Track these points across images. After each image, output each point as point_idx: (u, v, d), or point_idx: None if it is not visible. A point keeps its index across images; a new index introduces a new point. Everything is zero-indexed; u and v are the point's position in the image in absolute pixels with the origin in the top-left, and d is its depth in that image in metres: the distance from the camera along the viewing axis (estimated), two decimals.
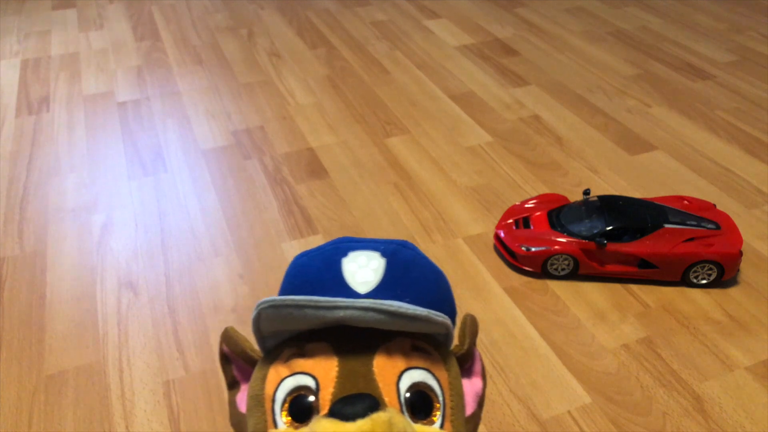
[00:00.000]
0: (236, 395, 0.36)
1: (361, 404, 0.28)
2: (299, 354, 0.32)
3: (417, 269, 0.36)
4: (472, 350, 0.37)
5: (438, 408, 0.32)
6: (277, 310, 0.31)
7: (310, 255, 0.36)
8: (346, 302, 0.30)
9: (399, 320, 0.31)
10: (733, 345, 0.92)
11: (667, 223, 1.01)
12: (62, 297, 1.02)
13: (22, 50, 1.84)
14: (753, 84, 1.59)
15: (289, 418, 0.31)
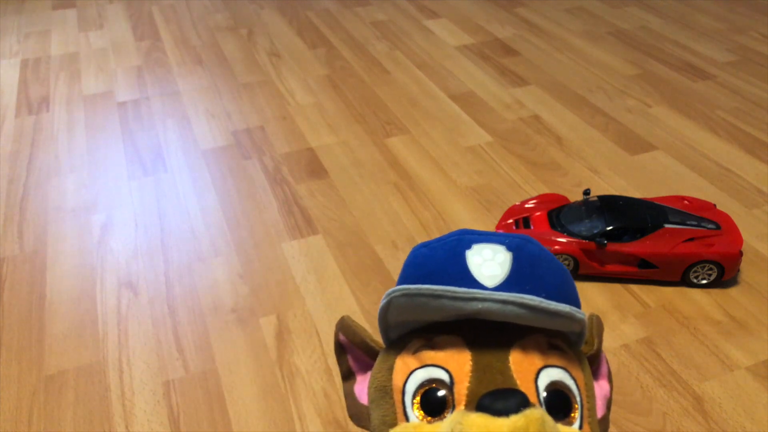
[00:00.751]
0: (353, 386, 0.35)
1: (513, 399, 0.27)
2: (428, 346, 0.31)
3: (543, 264, 0.34)
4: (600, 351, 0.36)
5: (576, 409, 0.31)
6: (410, 299, 0.30)
7: (432, 246, 0.35)
8: (485, 294, 0.29)
9: (539, 315, 0.30)
10: (733, 345, 0.92)
11: (668, 223, 1.01)
12: (62, 297, 1.01)
13: (22, 50, 1.84)
14: (753, 84, 1.59)
15: (422, 412, 0.30)
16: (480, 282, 0.32)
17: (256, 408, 0.84)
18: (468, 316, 0.30)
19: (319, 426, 0.82)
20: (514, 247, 0.34)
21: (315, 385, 0.87)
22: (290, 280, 1.04)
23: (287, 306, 0.99)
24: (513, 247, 0.34)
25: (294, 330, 0.95)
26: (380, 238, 1.12)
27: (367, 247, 1.10)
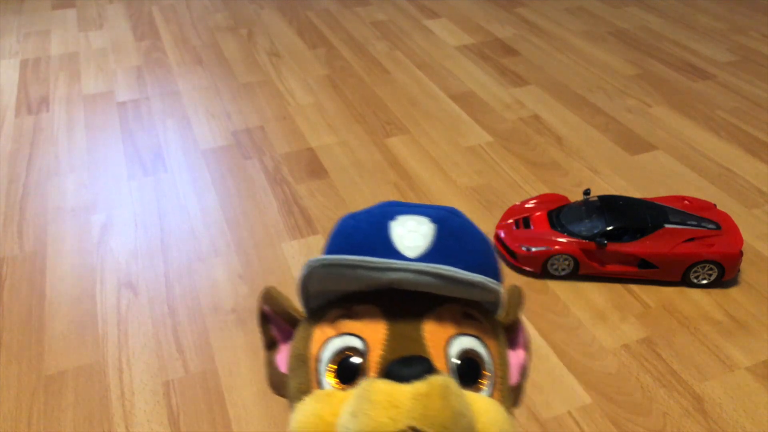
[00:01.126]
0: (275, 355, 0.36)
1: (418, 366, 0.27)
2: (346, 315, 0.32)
3: (467, 237, 0.35)
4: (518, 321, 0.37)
5: (486, 376, 0.32)
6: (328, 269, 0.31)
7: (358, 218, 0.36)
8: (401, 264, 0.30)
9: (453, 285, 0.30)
10: (733, 345, 0.92)
11: (668, 223, 1.00)
12: (62, 297, 1.01)
13: (21, 50, 1.84)
14: (753, 84, 1.59)
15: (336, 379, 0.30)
16: (402, 253, 0.33)
17: (256, 408, 0.84)
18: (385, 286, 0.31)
19: None
20: (438, 219, 0.35)
21: None
22: (290, 280, 1.04)
23: None
24: (437, 219, 0.35)
25: None
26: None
27: None
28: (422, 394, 0.26)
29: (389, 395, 0.26)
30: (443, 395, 0.26)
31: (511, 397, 0.33)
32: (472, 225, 0.36)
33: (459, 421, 0.26)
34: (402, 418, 0.26)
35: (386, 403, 0.26)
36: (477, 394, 0.31)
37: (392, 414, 0.26)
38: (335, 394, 0.30)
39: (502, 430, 0.30)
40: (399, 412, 0.26)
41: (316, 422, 0.29)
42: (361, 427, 0.26)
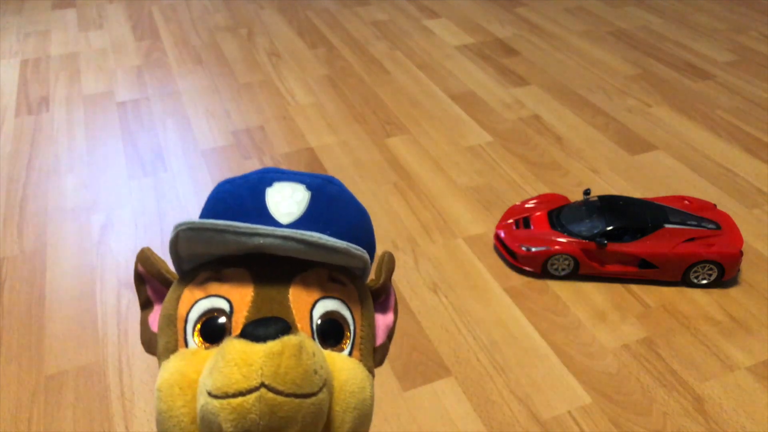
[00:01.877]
0: (149, 315, 0.37)
1: (273, 327, 0.28)
2: (215, 278, 0.33)
3: (340, 205, 0.36)
4: (387, 285, 0.38)
5: (348, 337, 0.33)
6: (196, 232, 0.31)
7: (235, 183, 0.36)
8: (267, 230, 0.31)
9: (318, 251, 0.31)
10: (733, 345, 0.92)
11: (668, 223, 1.00)
12: (62, 297, 1.01)
13: (21, 50, 1.84)
14: (753, 84, 1.59)
15: (201, 339, 0.31)
16: (276, 219, 0.34)
17: None
18: (252, 250, 0.32)
19: None
20: (314, 187, 0.36)
21: None
22: None
23: None
24: (313, 186, 0.36)
25: None
26: (380, 238, 1.12)
27: None
28: (275, 353, 0.27)
29: (243, 353, 0.27)
30: (295, 354, 0.27)
31: (373, 356, 0.35)
32: (348, 194, 0.37)
33: (311, 378, 0.27)
34: (254, 376, 0.27)
35: (240, 361, 0.27)
36: (337, 353, 0.32)
37: (245, 372, 0.27)
38: (199, 353, 0.31)
39: (358, 386, 0.31)
40: (251, 370, 0.27)
41: (179, 379, 0.30)
42: (216, 384, 0.27)
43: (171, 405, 0.30)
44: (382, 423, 0.82)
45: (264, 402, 0.27)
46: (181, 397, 0.30)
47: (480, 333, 0.94)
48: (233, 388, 0.27)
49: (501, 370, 0.89)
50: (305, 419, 0.27)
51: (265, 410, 0.27)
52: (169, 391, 0.30)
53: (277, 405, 0.27)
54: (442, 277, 1.04)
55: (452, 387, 0.87)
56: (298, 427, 0.27)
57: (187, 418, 0.29)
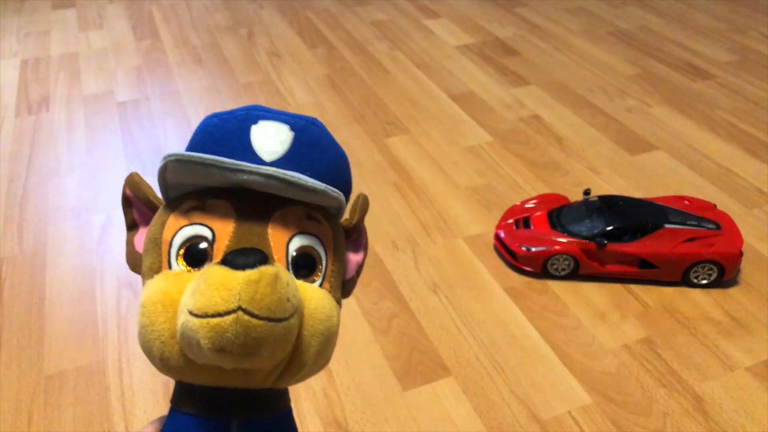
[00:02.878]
0: (134, 236, 0.39)
1: (252, 257, 0.31)
2: (200, 207, 0.35)
3: (321, 147, 0.38)
4: (360, 225, 0.41)
5: (320, 270, 0.36)
6: (182, 164, 0.33)
7: (222, 117, 0.38)
8: (251, 167, 0.33)
9: (297, 190, 0.34)
10: (733, 345, 0.92)
11: (668, 223, 1.00)
12: (62, 297, 1.01)
13: (21, 50, 1.84)
14: (753, 84, 1.59)
15: (184, 263, 0.34)
16: (260, 156, 0.36)
17: None
18: (237, 185, 0.34)
19: (319, 426, 0.82)
20: (297, 127, 0.38)
21: (315, 385, 0.87)
22: None
23: None
24: (297, 127, 0.38)
25: None
26: (380, 238, 1.12)
27: None
28: (252, 281, 0.30)
29: (224, 279, 0.30)
30: (271, 283, 0.30)
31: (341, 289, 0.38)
32: (330, 137, 0.40)
33: (283, 305, 0.30)
34: (233, 300, 0.29)
35: (220, 285, 0.30)
36: (309, 284, 0.35)
37: (224, 295, 0.30)
38: (182, 275, 0.33)
39: (326, 314, 0.34)
40: (230, 294, 0.30)
41: (162, 297, 0.33)
42: (197, 304, 0.30)
43: (153, 320, 0.33)
44: (382, 423, 0.82)
45: (240, 323, 0.29)
46: (163, 313, 0.32)
47: (480, 333, 0.94)
48: (213, 309, 0.30)
49: (501, 370, 0.89)
50: (276, 340, 0.31)
51: (240, 331, 0.29)
52: (152, 308, 0.33)
53: (251, 327, 0.30)
54: (442, 277, 1.04)
55: (452, 387, 0.87)
56: (269, 347, 0.30)
57: (167, 333, 0.32)
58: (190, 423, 0.34)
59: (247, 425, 0.34)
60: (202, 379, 0.33)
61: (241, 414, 0.34)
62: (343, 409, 0.84)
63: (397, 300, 1.00)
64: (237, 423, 0.34)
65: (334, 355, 0.92)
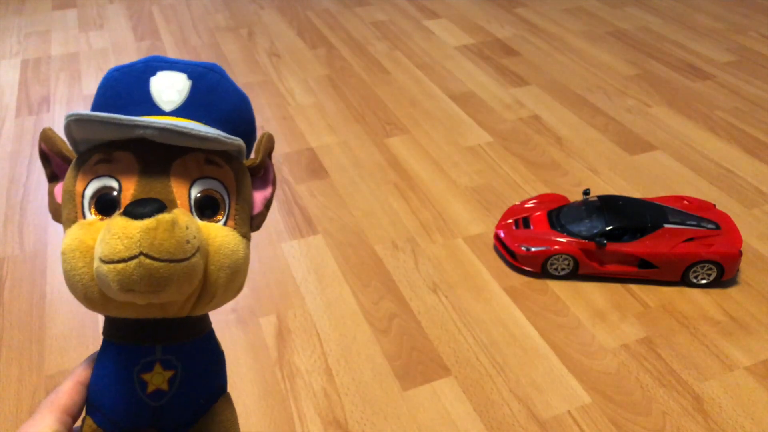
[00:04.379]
0: (54, 187, 0.42)
1: (149, 206, 0.34)
2: (106, 160, 0.38)
3: (220, 92, 0.41)
4: (266, 162, 0.43)
5: (223, 209, 0.39)
6: (83, 123, 0.36)
7: (122, 70, 0.41)
8: (146, 122, 0.35)
9: (191, 140, 0.36)
10: (733, 345, 0.92)
11: (667, 223, 1.01)
12: (62, 297, 1.02)
13: (22, 50, 1.84)
14: (753, 84, 1.59)
15: (96, 212, 0.37)
16: (159, 107, 0.39)
17: (256, 408, 0.84)
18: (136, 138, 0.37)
19: (319, 426, 0.82)
20: (195, 75, 0.40)
21: (315, 385, 0.87)
22: (290, 280, 1.04)
23: (287, 306, 1.00)
24: (194, 75, 0.40)
25: (294, 330, 0.95)
26: (380, 238, 1.13)
27: (367, 247, 1.10)
28: (150, 228, 0.33)
29: (124, 228, 0.33)
30: (168, 229, 0.33)
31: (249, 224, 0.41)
32: (229, 82, 0.42)
33: (183, 247, 0.34)
34: (134, 246, 0.33)
35: (122, 234, 0.33)
36: (213, 224, 0.38)
37: (126, 243, 0.33)
38: (95, 224, 0.37)
39: (231, 249, 0.37)
40: (131, 242, 0.33)
41: (79, 245, 0.36)
42: (104, 252, 0.33)
43: (74, 266, 0.36)
44: (382, 423, 0.83)
45: (143, 266, 0.33)
46: (81, 259, 0.36)
47: (480, 333, 0.95)
48: (117, 256, 0.33)
49: (501, 370, 0.89)
50: (180, 278, 0.34)
51: (144, 273, 0.33)
52: (71, 255, 0.36)
53: (153, 268, 0.33)
54: (442, 277, 1.04)
55: (452, 387, 0.87)
56: (174, 284, 0.34)
57: (87, 276, 0.36)
58: (119, 350, 0.38)
59: (171, 348, 0.38)
60: (124, 312, 0.36)
61: (164, 339, 0.38)
62: (343, 409, 0.84)
63: (397, 300, 1.00)
64: (161, 347, 0.38)
65: (334, 354, 0.92)
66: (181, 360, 0.38)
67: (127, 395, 0.38)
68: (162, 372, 0.38)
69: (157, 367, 0.38)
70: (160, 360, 0.38)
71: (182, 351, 0.38)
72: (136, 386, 0.38)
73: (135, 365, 0.38)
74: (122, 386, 0.38)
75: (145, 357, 0.38)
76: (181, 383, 0.38)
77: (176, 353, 0.38)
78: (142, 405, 0.38)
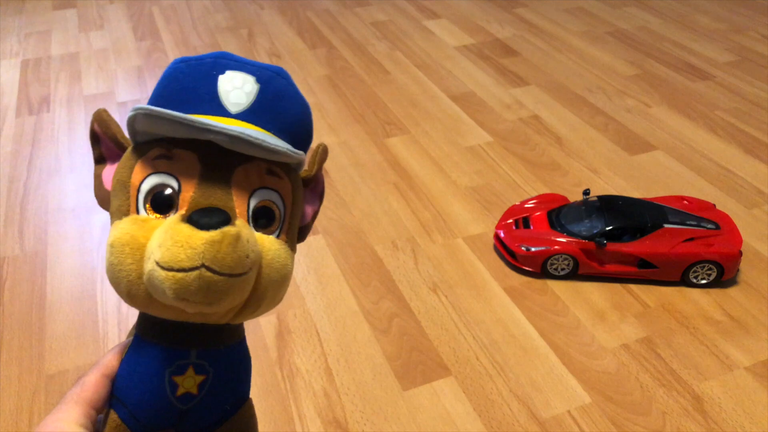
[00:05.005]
0: (102, 170, 0.40)
1: (216, 217, 0.33)
2: (167, 156, 0.36)
3: (287, 100, 0.40)
4: (319, 174, 0.44)
5: (278, 222, 0.38)
6: (151, 118, 0.35)
7: (190, 63, 0.40)
8: (218, 127, 0.34)
9: (261, 151, 0.36)
10: (732, 345, 0.92)
11: (667, 223, 1.01)
12: (62, 297, 1.02)
13: (22, 50, 1.84)
14: (753, 84, 1.59)
15: (151, 209, 0.36)
16: (226, 107, 0.38)
17: (256, 408, 0.84)
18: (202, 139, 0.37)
19: (319, 426, 0.82)
20: (263, 79, 0.40)
21: (315, 385, 0.88)
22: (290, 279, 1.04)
23: (287, 306, 1.00)
24: (262, 79, 0.40)
25: (294, 330, 0.96)
26: (380, 238, 1.13)
27: (367, 247, 1.11)
28: (215, 241, 0.32)
29: (189, 238, 0.32)
30: (232, 243, 0.33)
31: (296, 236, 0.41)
32: (294, 89, 0.41)
33: (243, 262, 0.33)
34: (196, 258, 0.32)
35: (185, 243, 0.32)
36: (267, 236, 0.37)
37: (189, 253, 0.32)
38: (149, 221, 0.35)
39: (282, 263, 0.37)
40: (195, 253, 0.32)
41: (130, 240, 0.35)
42: (164, 258, 0.32)
43: (122, 260, 0.35)
44: (382, 423, 0.83)
45: (202, 279, 0.32)
46: (131, 255, 0.35)
47: (480, 333, 0.95)
48: (178, 265, 0.32)
49: (501, 370, 0.89)
50: (234, 292, 0.33)
51: (202, 285, 0.32)
52: (120, 249, 0.35)
53: (213, 282, 0.32)
54: (442, 277, 1.04)
55: (452, 387, 0.87)
56: (228, 298, 0.33)
57: (134, 274, 0.35)
58: (154, 350, 0.37)
59: (205, 353, 0.37)
60: (165, 314, 0.36)
61: (200, 344, 0.37)
62: (343, 409, 0.84)
63: (397, 300, 1.00)
64: (196, 351, 0.37)
65: (334, 354, 0.92)
66: (213, 366, 0.38)
67: (156, 395, 0.37)
68: (194, 376, 0.37)
69: (190, 370, 0.37)
70: (194, 364, 0.37)
71: (216, 357, 0.38)
72: (166, 387, 0.37)
73: (168, 367, 0.37)
74: (152, 386, 0.37)
75: (179, 359, 0.37)
76: (210, 389, 0.38)
77: (210, 359, 0.38)
78: (169, 406, 0.37)
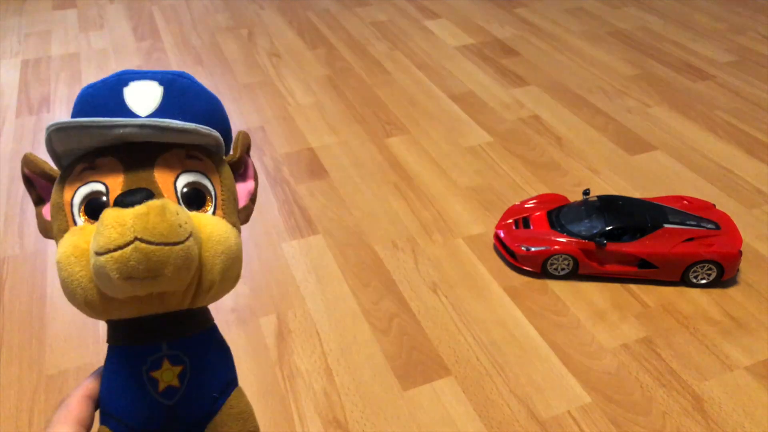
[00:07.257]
0: (42, 209, 0.42)
1: (139, 194, 0.34)
2: (91, 167, 0.39)
3: (191, 94, 0.42)
4: (245, 158, 0.45)
5: (210, 201, 0.40)
6: (64, 131, 0.37)
7: (95, 86, 0.42)
8: (125, 121, 0.36)
9: (171, 134, 0.37)
10: (732, 345, 0.92)
11: (667, 223, 1.01)
12: (62, 297, 1.02)
13: (22, 50, 1.84)
14: (753, 84, 1.59)
15: (86, 217, 0.38)
16: (136, 113, 0.40)
17: (256, 408, 0.84)
18: (117, 140, 0.38)
19: (319, 426, 0.82)
20: (165, 81, 0.42)
21: (315, 385, 0.88)
22: (290, 280, 1.04)
23: (287, 306, 1.00)
24: (165, 81, 0.42)
25: (294, 330, 0.96)
26: (380, 238, 1.13)
27: (367, 247, 1.11)
28: (142, 214, 0.33)
29: (117, 217, 0.33)
30: (159, 213, 0.34)
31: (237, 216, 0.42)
32: (199, 86, 0.43)
33: (176, 230, 0.34)
34: (128, 233, 0.33)
35: (115, 223, 0.33)
36: (202, 214, 0.39)
37: (120, 231, 0.33)
38: (86, 227, 0.37)
39: (223, 236, 0.38)
40: (125, 229, 0.33)
41: (73, 250, 0.36)
42: (99, 244, 0.33)
43: (71, 272, 0.36)
44: (382, 423, 0.83)
45: (139, 251, 0.33)
46: (78, 263, 0.36)
47: (480, 333, 0.95)
48: (113, 245, 0.33)
49: (501, 370, 0.89)
50: (176, 261, 0.34)
51: (141, 257, 0.33)
52: (67, 261, 0.36)
53: (150, 252, 0.33)
54: (442, 277, 1.04)
55: (452, 387, 0.87)
56: (171, 268, 0.34)
57: (85, 280, 0.36)
58: (126, 353, 0.38)
59: (176, 343, 0.38)
60: (125, 312, 0.36)
61: (168, 335, 0.38)
62: (343, 409, 0.84)
63: (397, 300, 1.00)
64: (166, 344, 0.38)
65: (334, 354, 0.92)
66: (188, 354, 0.38)
67: (139, 396, 0.38)
68: (171, 368, 0.38)
69: (165, 363, 0.38)
70: (168, 356, 0.38)
71: (188, 345, 0.39)
72: (147, 386, 0.37)
73: (143, 364, 0.37)
74: (133, 388, 0.38)
75: (151, 354, 0.38)
76: (191, 378, 0.38)
77: (182, 347, 0.38)
78: (155, 405, 0.38)
